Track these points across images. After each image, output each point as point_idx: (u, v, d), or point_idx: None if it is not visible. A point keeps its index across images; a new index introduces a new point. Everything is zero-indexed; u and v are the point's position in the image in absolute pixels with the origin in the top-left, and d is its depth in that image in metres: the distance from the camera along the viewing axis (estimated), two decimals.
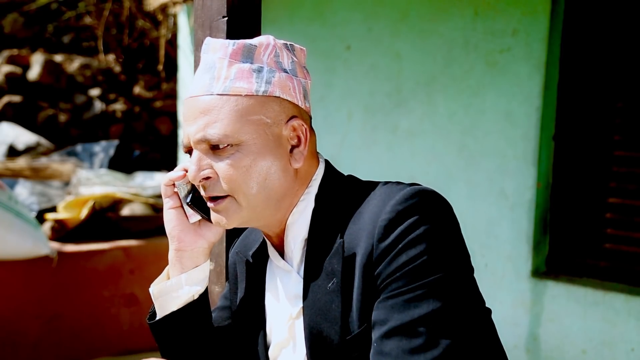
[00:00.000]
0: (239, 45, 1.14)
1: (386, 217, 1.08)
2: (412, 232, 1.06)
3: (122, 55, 6.37)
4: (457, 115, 3.19)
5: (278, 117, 1.14)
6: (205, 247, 1.25)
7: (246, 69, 1.13)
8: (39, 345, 3.61)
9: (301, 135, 1.17)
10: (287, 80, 1.16)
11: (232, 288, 1.35)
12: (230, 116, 1.11)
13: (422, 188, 1.12)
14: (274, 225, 1.21)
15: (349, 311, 1.10)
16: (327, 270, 1.13)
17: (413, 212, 1.07)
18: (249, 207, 1.15)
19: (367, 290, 1.08)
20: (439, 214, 1.09)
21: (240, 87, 1.12)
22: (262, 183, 1.14)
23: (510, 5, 3.00)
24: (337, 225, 1.15)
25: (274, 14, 3.78)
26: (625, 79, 2.79)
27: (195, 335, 1.25)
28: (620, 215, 2.81)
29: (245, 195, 1.14)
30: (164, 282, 1.25)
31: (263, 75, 1.14)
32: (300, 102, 1.18)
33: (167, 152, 5.97)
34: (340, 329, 1.10)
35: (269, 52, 1.15)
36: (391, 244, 1.06)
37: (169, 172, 1.25)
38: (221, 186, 1.14)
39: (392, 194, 1.11)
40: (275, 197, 1.16)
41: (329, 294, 1.12)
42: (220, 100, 1.12)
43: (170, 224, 1.25)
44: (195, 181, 1.15)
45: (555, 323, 2.91)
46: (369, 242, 1.09)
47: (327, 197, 1.19)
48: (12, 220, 3.32)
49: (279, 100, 1.14)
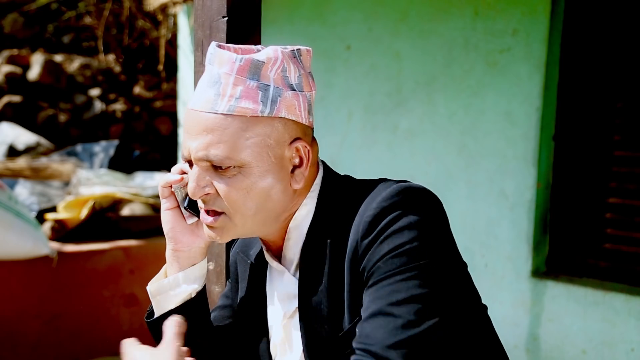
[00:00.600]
0: (246, 61, 1.12)
1: (370, 213, 1.09)
2: (394, 223, 1.07)
3: (122, 55, 6.37)
4: (457, 115, 3.19)
5: (282, 139, 1.14)
6: (202, 246, 1.26)
7: (252, 88, 1.11)
8: (39, 345, 3.61)
9: (303, 157, 1.16)
10: (293, 98, 1.14)
11: (233, 287, 1.36)
12: (234, 138, 1.10)
13: (409, 185, 1.13)
14: (271, 235, 1.22)
15: (340, 309, 1.12)
16: (319, 271, 1.14)
17: (397, 207, 1.08)
18: (244, 227, 1.16)
19: (355, 287, 1.10)
20: (424, 208, 1.10)
21: (245, 108, 1.11)
22: (262, 204, 1.14)
23: (510, 5, 3.00)
24: (331, 226, 1.16)
25: (274, 14, 3.78)
26: (625, 79, 2.79)
27: (193, 334, 1.25)
28: (620, 215, 2.81)
29: (242, 216, 1.14)
30: (161, 280, 1.26)
31: (269, 95, 1.12)
32: (305, 119, 1.17)
33: (167, 152, 5.97)
34: (331, 327, 1.12)
35: (276, 67, 1.13)
36: (374, 237, 1.07)
37: (166, 174, 1.25)
38: (220, 203, 1.14)
39: (380, 191, 1.12)
40: (273, 216, 1.17)
41: (319, 293, 1.14)
42: (225, 121, 1.10)
43: (168, 225, 1.25)
44: (195, 197, 1.16)
45: (555, 323, 2.91)
46: (354, 239, 1.10)
47: (327, 200, 1.20)
48: (12, 220, 3.32)
49: (284, 120, 1.13)
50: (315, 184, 1.21)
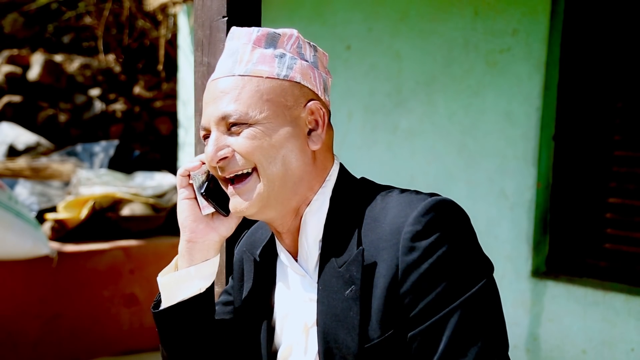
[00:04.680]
0: (263, 32, 1.17)
1: (410, 229, 1.07)
2: (438, 248, 1.06)
3: (122, 55, 6.37)
4: (457, 115, 3.19)
5: (297, 101, 1.16)
6: (216, 240, 1.25)
7: (269, 54, 1.16)
8: (39, 345, 3.62)
9: (319, 119, 1.17)
10: (309, 69, 1.18)
11: (236, 285, 1.35)
12: (251, 96, 1.13)
13: (442, 199, 1.11)
14: (288, 217, 1.19)
15: (367, 319, 1.10)
16: (345, 277, 1.12)
17: (436, 226, 1.07)
18: (268, 184, 1.14)
19: (389, 301, 1.08)
20: (461, 227, 1.10)
21: (262, 70, 1.14)
22: (281, 160, 1.13)
23: (510, 5, 3.00)
24: (353, 230, 1.14)
25: (274, 14, 3.78)
26: (625, 79, 2.79)
27: (197, 328, 1.25)
28: (620, 215, 2.81)
29: (264, 169, 1.13)
30: (172, 272, 1.25)
31: (285, 61, 1.16)
32: (320, 92, 1.19)
33: (167, 152, 5.97)
34: (359, 337, 1.10)
35: (292, 42, 1.18)
36: (417, 260, 1.06)
37: (185, 163, 1.25)
38: (241, 162, 1.14)
39: (412, 204, 1.10)
40: (293, 177, 1.15)
41: (346, 300, 1.11)
42: (242, 81, 1.14)
43: (183, 214, 1.24)
44: (213, 162, 1.14)
45: (555, 323, 2.91)
46: (392, 254, 1.08)
47: (342, 200, 1.19)
48: (12, 220, 3.32)
49: (300, 85, 1.16)
50: (328, 180, 1.20)
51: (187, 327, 1.24)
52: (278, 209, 1.17)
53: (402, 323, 1.08)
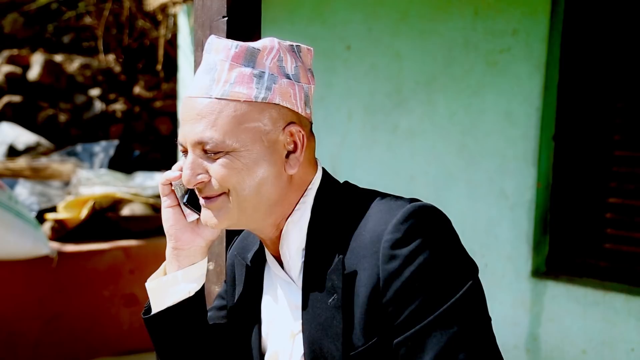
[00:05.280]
0: (242, 48, 1.13)
1: (389, 237, 1.07)
2: (419, 255, 1.05)
3: (122, 55, 6.37)
4: (457, 115, 3.19)
5: (276, 124, 1.13)
6: (202, 245, 1.25)
7: (247, 74, 1.12)
8: (39, 345, 3.61)
9: (298, 142, 1.16)
10: (289, 86, 1.15)
11: (229, 289, 1.35)
12: (228, 122, 1.11)
13: (422, 205, 1.11)
14: (267, 230, 1.20)
15: (351, 327, 1.10)
16: (327, 286, 1.12)
17: (416, 233, 1.07)
18: (240, 209, 1.15)
19: (372, 310, 1.08)
20: (442, 231, 1.09)
21: (239, 93, 1.11)
22: (256, 187, 1.13)
23: (510, 5, 3.00)
24: (335, 239, 1.14)
25: (274, 14, 3.78)
26: (625, 79, 2.79)
27: (189, 332, 1.24)
28: (620, 215, 2.81)
29: (237, 194, 1.13)
30: (160, 277, 1.25)
31: (264, 81, 1.13)
32: (301, 109, 1.17)
33: (167, 152, 5.97)
34: (343, 345, 1.10)
35: (272, 56, 1.14)
36: (399, 268, 1.06)
37: (166, 172, 1.25)
38: (216, 187, 1.14)
39: (391, 211, 1.10)
40: (268, 202, 1.16)
41: (329, 309, 1.11)
42: (219, 105, 1.11)
43: (168, 222, 1.25)
44: (190, 185, 1.15)
45: (555, 323, 2.91)
46: (372, 262, 1.08)
47: (323, 208, 1.18)
48: (12, 220, 3.32)
49: (278, 107, 1.13)
50: (309, 189, 1.19)
51: (178, 332, 1.24)
52: (251, 225, 1.20)
53: (387, 331, 1.08)
